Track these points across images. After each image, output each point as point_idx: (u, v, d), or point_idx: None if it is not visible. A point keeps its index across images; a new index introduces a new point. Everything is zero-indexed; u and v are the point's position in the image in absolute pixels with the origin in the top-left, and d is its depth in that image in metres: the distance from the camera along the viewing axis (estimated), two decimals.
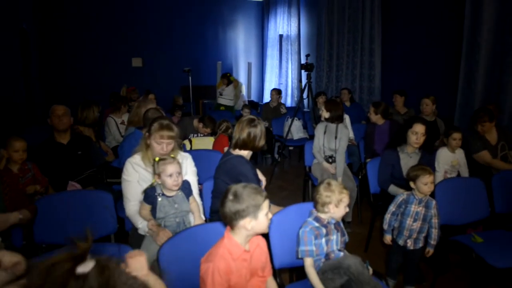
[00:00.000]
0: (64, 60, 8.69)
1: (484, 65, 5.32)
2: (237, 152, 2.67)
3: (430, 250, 2.67)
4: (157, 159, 2.31)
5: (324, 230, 2.18)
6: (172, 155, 2.38)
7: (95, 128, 4.22)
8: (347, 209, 2.19)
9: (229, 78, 7.99)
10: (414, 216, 2.63)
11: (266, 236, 2.00)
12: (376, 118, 4.40)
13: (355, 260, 2.06)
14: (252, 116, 2.71)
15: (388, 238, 2.77)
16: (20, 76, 6.82)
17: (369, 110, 4.50)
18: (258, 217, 1.66)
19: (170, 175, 2.26)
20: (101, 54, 9.04)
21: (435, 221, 2.62)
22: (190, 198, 2.42)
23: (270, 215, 1.71)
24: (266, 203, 1.68)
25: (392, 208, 2.73)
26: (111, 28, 9.06)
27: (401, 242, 2.71)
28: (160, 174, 2.28)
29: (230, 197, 1.65)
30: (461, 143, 3.59)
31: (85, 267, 0.90)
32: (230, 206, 1.65)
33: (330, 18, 8.05)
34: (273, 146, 6.59)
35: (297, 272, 2.44)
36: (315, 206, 2.23)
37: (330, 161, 3.90)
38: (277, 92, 7.09)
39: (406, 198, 2.68)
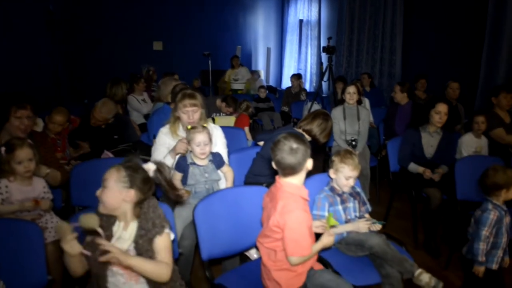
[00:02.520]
0: (86, 42, 8.85)
1: (508, 51, 5.31)
2: (301, 131, 2.90)
3: None
4: (189, 127, 2.45)
5: (338, 199, 2.30)
6: (204, 125, 2.50)
7: (122, 104, 4.38)
8: (351, 183, 2.28)
9: (239, 59, 8.11)
10: (508, 230, 2.30)
11: None
12: (401, 97, 4.43)
13: (378, 240, 2.12)
14: (326, 111, 2.92)
15: (482, 269, 2.29)
16: (47, 56, 7.02)
17: (394, 89, 4.54)
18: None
19: (198, 144, 2.39)
20: (123, 37, 9.18)
21: None
22: (225, 166, 2.56)
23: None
24: None
25: (486, 233, 2.25)
26: (133, 11, 9.18)
27: (494, 266, 2.29)
28: (190, 142, 2.42)
29: (294, 145, 1.68)
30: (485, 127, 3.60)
31: (151, 166, 1.65)
32: (299, 153, 1.69)
33: (351, 3, 8.05)
34: None
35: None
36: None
37: (354, 144, 3.97)
38: (296, 77, 7.16)
39: (499, 215, 2.26)
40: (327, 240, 1.86)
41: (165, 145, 2.65)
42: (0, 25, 4.91)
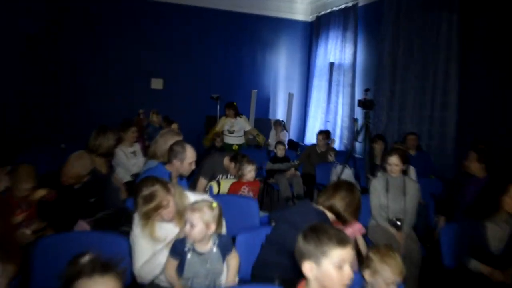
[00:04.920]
0: (68, 74, 9.05)
1: None
2: (321, 208, 2.81)
3: None
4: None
5: None
6: (213, 204, 2.40)
7: (108, 158, 4.31)
8: None
9: (236, 108, 7.61)
10: None
11: None
12: (477, 168, 4.24)
13: None
14: (351, 181, 2.84)
15: None
16: (17, 88, 7.17)
17: (468, 156, 4.35)
18: (321, 264, 1.68)
19: (185, 222, 2.34)
20: (114, 70, 9.39)
21: None
22: (232, 253, 2.47)
23: (348, 271, 1.71)
24: (339, 252, 1.69)
25: None
26: (129, 40, 9.46)
27: None
28: None
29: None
30: None
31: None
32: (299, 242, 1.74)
33: (394, 46, 8.14)
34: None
35: None
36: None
37: (399, 224, 3.83)
38: (324, 136, 7.12)
39: None
40: None
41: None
42: None
